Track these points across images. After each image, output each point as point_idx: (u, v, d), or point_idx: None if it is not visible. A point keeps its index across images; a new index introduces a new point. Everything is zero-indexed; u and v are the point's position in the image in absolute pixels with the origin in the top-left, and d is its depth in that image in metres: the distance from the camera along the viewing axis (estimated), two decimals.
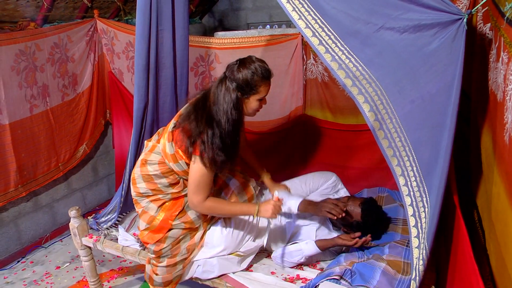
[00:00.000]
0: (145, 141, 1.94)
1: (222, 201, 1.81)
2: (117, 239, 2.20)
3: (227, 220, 1.89)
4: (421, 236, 1.37)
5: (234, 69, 1.62)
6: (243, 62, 1.63)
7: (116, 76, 3.12)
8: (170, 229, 1.80)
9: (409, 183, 1.38)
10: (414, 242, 1.39)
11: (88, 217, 2.36)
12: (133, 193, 1.87)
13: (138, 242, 2.11)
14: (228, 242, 1.84)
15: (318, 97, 2.60)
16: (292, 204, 1.93)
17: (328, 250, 1.97)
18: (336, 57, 1.37)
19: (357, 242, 1.81)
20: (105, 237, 2.21)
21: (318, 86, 2.57)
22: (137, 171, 1.84)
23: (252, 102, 1.67)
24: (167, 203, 1.82)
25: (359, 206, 1.91)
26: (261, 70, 1.61)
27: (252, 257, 1.93)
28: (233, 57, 2.62)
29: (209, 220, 1.88)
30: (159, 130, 1.95)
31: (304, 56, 2.54)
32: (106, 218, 2.33)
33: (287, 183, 2.15)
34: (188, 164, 1.71)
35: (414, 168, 1.37)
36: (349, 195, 2.18)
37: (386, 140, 1.38)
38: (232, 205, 1.80)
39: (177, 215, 1.80)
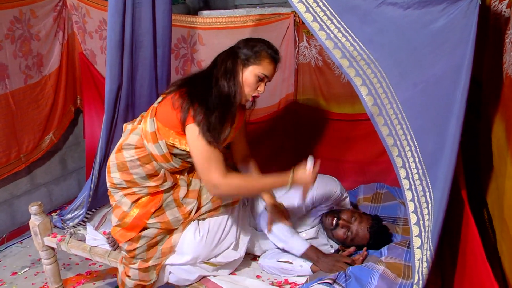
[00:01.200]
0: (124, 124, 1.90)
1: (246, 174, 1.74)
2: (85, 238, 2.16)
3: (201, 224, 1.85)
4: (424, 235, 1.36)
5: (245, 40, 1.70)
6: (259, 39, 1.71)
7: (88, 58, 3.07)
8: (144, 228, 1.77)
9: (410, 176, 1.37)
10: (416, 241, 1.37)
11: (53, 214, 2.31)
12: (108, 183, 1.84)
13: (108, 242, 2.08)
14: (200, 250, 1.80)
15: (311, 84, 2.59)
16: (295, 246, 1.85)
17: None
18: (332, 35, 1.36)
19: (358, 260, 1.81)
20: (71, 236, 2.16)
21: (311, 71, 2.56)
22: (112, 158, 1.81)
23: (249, 74, 1.65)
24: (143, 199, 1.78)
25: (367, 231, 1.89)
26: (272, 48, 1.67)
27: (230, 270, 1.91)
28: (219, 38, 2.65)
29: (188, 221, 1.84)
30: (142, 113, 1.91)
31: (296, 38, 2.53)
32: (73, 214, 2.29)
33: (283, 197, 2.02)
34: (169, 146, 1.68)
35: (416, 159, 1.35)
36: (351, 207, 2.14)
37: (386, 127, 1.36)
38: (262, 178, 1.74)
39: (154, 213, 1.76)
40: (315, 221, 2.05)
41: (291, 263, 1.85)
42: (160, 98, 1.76)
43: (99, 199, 2.30)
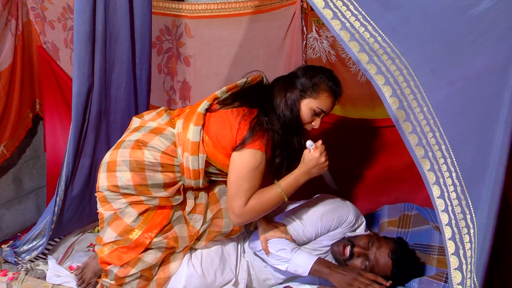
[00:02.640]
0: (135, 117, 1.98)
1: (258, 192, 1.79)
2: (45, 275, 2.13)
3: (194, 254, 1.89)
4: (466, 269, 1.34)
5: (305, 67, 1.87)
6: (319, 67, 1.88)
7: (49, 52, 3.06)
8: (147, 249, 1.79)
9: (446, 194, 1.35)
10: (455, 276, 1.35)
11: (3, 246, 2.29)
12: (103, 183, 1.83)
13: (76, 278, 2.06)
14: (192, 284, 1.84)
15: None
16: (300, 263, 1.86)
17: None
18: (348, 24, 1.37)
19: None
20: (26, 274, 2.14)
21: None
22: (123, 154, 1.82)
23: (305, 107, 1.79)
24: (150, 212, 1.81)
25: (388, 256, 1.86)
26: (333, 80, 1.82)
27: None
28: (210, 29, 2.67)
29: (190, 246, 1.89)
30: (163, 108, 1.98)
31: (304, 29, 2.54)
32: (30, 245, 2.28)
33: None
34: (207, 163, 1.80)
35: (453, 174, 1.34)
36: (367, 231, 2.13)
37: (415, 136, 1.36)
38: (273, 185, 1.80)
39: (161, 229, 1.80)
40: (323, 254, 2.04)
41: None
42: (206, 104, 1.83)
43: (65, 226, 2.29)
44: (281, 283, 2.00)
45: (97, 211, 1.88)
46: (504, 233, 1.47)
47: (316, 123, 1.83)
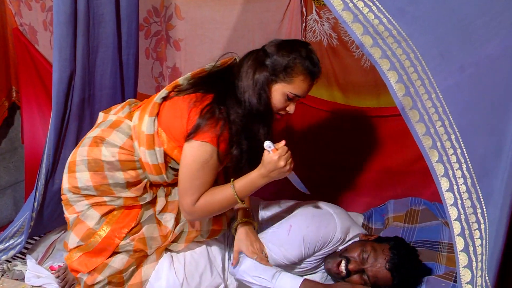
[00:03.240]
0: (101, 112, 1.95)
1: (210, 191, 1.74)
2: (23, 276, 2.13)
3: (175, 256, 1.89)
4: (476, 267, 1.35)
5: (276, 42, 1.74)
6: (293, 41, 1.76)
7: (26, 35, 3.05)
8: (114, 253, 1.79)
9: (455, 187, 1.36)
10: (465, 275, 1.36)
11: None
12: (65, 185, 1.83)
13: (57, 280, 2.06)
14: None
15: (323, 69, 2.43)
16: (285, 285, 1.83)
17: None
18: (351, 4, 1.36)
19: None
20: (3, 275, 2.14)
21: (322, 53, 2.56)
22: (81, 152, 1.81)
23: (277, 93, 1.70)
24: (115, 212, 1.80)
25: (386, 269, 1.83)
26: (309, 60, 1.70)
27: None
28: (202, 10, 2.66)
29: (164, 247, 1.87)
30: (129, 101, 1.96)
31: (304, 10, 2.54)
32: (7, 244, 2.28)
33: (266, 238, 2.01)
34: (167, 156, 1.74)
35: (464, 166, 1.35)
36: (361, 230, 2.12)
37: (422, 125, 1.36)
38: (221, 188, 1.75)
39: (129, 231, 1.79)
40: (314, 267, 2.04)
41: None
42: (164, 92, 1.79)
43: (45, 223, 2.29)
44: None
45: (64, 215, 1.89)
46: None
47: (290, 109, 1.76)
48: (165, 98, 1.78)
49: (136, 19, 2.16)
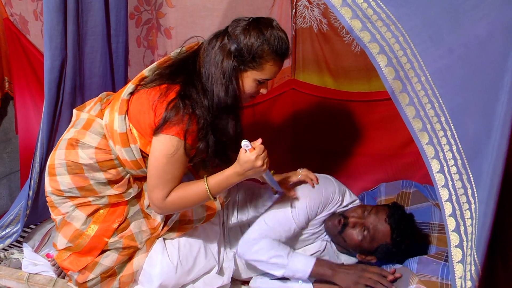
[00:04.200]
0: (75, 110, 1.91)
1: (183, 185, 1.71)
2: (20, 264, 2.14)
3: (169, 243, 1.88)
4: (466, 246, 1.36)
5: (240, 25, 1.63)
6: (256, 21, 1.64)
7: (17, 25, 3.01)
8: (103, 251, 1.78)
9: (445, 168, 1.37)
10: (456, 254, 1.37)
11: None
12: (48, 188, 1.81)
13: (53, 268, 2.07)
14: (169, 276, 1.82)
15: (314, 55, 2.59)
16: (298, 267, 1.83)
17: None
18: None
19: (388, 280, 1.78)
20: (0, 263, 2.15)
21: (313, 39, 2.56)
22: (59, 155, 1.78)
23: (248, 80, 1.66)
24: (101, 211, 1.79)
25: (386, 222, 1.87)
26: (277, 42, 1.62)
27: None
28: None
29: (154, 239, 1.87)
30: (101, 95, 1.92)
31: None
32: (4, 233, 2.28)
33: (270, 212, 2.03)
34: (143, 153, 1.70)
35: (454, 148, 1.36)
36: (359, 203, 2.16)
37: (412, 108, 1.37)
38: (194, 184, 1.71)
39: (117, 228, 1.78)
40: (314, 235, 2.06)
41: (287, 279, 1.89)
42: (131, 87, 1.74)
43: (40, 212, 2.28)
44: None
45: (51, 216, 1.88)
46: (506, 211, 1.49)
47: (264, 91, 1.73)
48: (132, 93, 1.73)
49: (125, 6, 2.14)
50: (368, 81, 2.50)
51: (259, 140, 1.63)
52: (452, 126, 1.36)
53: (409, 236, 1.89)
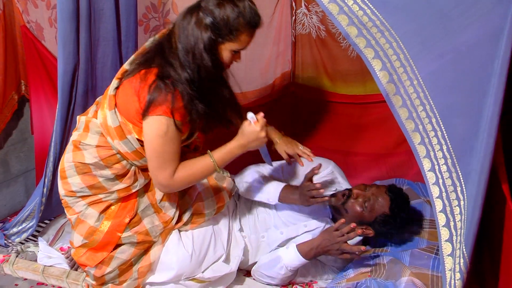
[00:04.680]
0: (78, 116, 1.89)
1: (188, 162, 1.71)
2: (36, 257, 2.15)
3: (183, 234, 1.89)
4: (456, 240, 1.36)
5: (216, 2, 1.58)
6: None
7: (33, 32, 2.99)
8: (117, 245, 1.78)
9: (436, 167, 1.37)
10: (446, 248, 1.38)
11: None
12: (61, 191, 1.81)
13: (67, 260, 2.08)
14: (185, 265, 1.84)
15: (312, 59, 2.59)
16: (270, 191, 1.93)
17: (327, 265, 1.97)
18: None
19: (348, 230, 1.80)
20: (17, 256, 2.15)
21: (312, 44, 2.56)
22: (68, 159, 1.78)
23: (224, 51, 1.63)
24: (113, 207, 1.78)
25: (386, 194, 1.93)
26: (250, 14, 1.59)
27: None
28: None
29: (169, 231, 1.87)
30: (97, 100, 1.90)
31: (293, 4, 2.52)
32: (20, 228, 2.29)
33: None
34: (140, 142, 1.68)
35: (444, 147, 1.36)
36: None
37: (405, 109, 1.37)
38: (200, 160, 1.72)
39: (129, 223, 1.77)
40: (316, 212, 2.09)
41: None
42: (115, 83, 1.72)
43: (54, 208, 2.29)
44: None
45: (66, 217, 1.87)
46: (493, 207, 1.49)
47: (238, 60, 1.70)
48: (117, 88, 1.71)
49: (135, 14, 2.14)
50: (364, 84, 2.49)
51: (261, 114, 1.68)
52: (442, 127, 1.36)
53: (405, 209, 1.92)
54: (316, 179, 2.07)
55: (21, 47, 3.08)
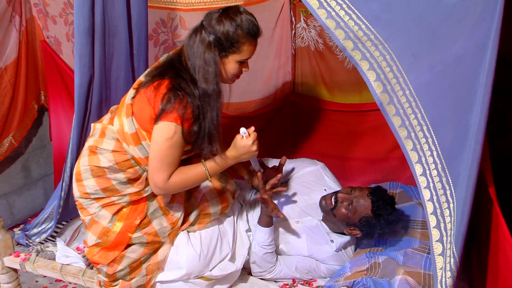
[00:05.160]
0: (93, 124, 1.90)
1: (183, 168, 1.72)
2: (54, 256, 2.15)
3: (192, 235, 1.89)
4: (446, 240, 1.35)
5: (213, 18, 1.61)
6: (226, 12, 1.62)
7: (52, 46, 3.03)
8: (128, 245, 1.78)
9: (427, 172, 1.37)
10: (437, 248, 1.37)
11: (15, 230, 2.30)
12: (76, 193, 1.81)
13: (83, 259, 2.08)
14: (194, 265, 1.83)
15: (311, 70, 2.60)
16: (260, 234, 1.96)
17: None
18: (333, 13, 1.36)
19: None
20: (37, 255, 2.15)
21: (310, 57, 2.57)
22: (83, 163, 1.78)
23: (230, 64, 1.65)
24: (124, 209, 1.78)
25: (368, 197, 1.92)
26: (248, 25, 1.61)
27: (227, 286, 1.95)
28: None
29: (176, 232, 1.87)
30: (111, 108, 1.92)
31: (293, 19, 2.53)
32: (40, 229, 2.29)
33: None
34: None
35: (434, 153, 1.35)
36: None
37: (398, 118, 1.37)
38: (194, 168, 1.73)
39: (139, 224, 1.77)
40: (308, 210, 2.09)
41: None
42: (132, 93, 1.73)
43: (71, 210, 2.28)
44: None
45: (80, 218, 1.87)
46: (480, 209, 1.48)
47: (246, 69, 1.72)
48: (134, 97, 1.72)
49: (145, 30, 2.15)
50: (359, 93, 2.49)
51: (252, 128, 1.68)
52: (433, 134, 1.35)
53: (387, 211, 1.90)
54: (299, 175, 2.14)
55: (41, 60, 3.11)
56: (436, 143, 1.36)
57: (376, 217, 1.88)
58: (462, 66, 1.28)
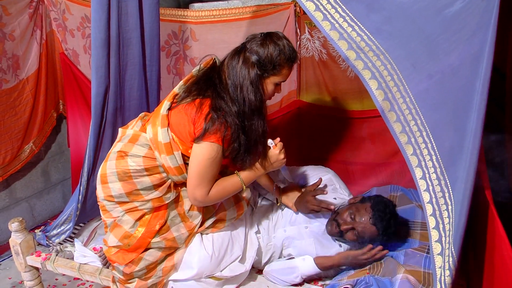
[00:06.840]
0: (120, 128, 1.91)
1: (220, 181, 1.76)
2: (73, 256, 2.16)
3: (205, 237, 1.89)
4: (445, 241, 1.35)
5: (257, 41, 1.66)
6: (270, 36, 1.67)
7: (70, 58, 3.07)
8: (147, 249, 1.77)
9: (427, 175, 1.36)
10: (436, 247, 1.37)
11: (36, 231, 2.31)
12: (100, 195, 1.79)
13: (99, 259, 2.08)
14: (206, 265, 1.83)
15: (315, 79, 2.59)
16: (304, 265, 1.91)
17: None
18: (337, 25, 1.37)
19: (374, 254, 1.79)
20: (57, 254, 2.16)
21: (314, 66, 2.56)
22: (111, 166, 1.76)
23: (269, 85, 1.70)
24: (147, 216, 1.77)
25: (370, 223, 1.87)
26: (289, 51, 1.67)
27: (236, 285, 1.94)
28: (212, 33, 2.66)
29: (192, 236, 1.86)
30: (140, 115, 1.92)
31: (298, 30, 2.53)
32: (59, 230, 2.29)
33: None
34: (184, 157, 1.71)
35: (433, 158, 1.35)
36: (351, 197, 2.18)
37: (399, 124, 1.37)
38: (230, 179, 1.77)
39: (158, 231, 1.77)
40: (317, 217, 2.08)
41: (293, 257, 1.93)
42: (167, 104, 1.73)
43: (88, 212, 2.30)
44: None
45: (101, 218, 1.88)
46: (477, 211, 1.47)
47: (279, 90, 1.77)
48: (169, 109, 1.73)
49: (158, 42, 2.16)
50: (361, 101, 2.49)
51: (278, 139, 1.79)
52: (432, 140, 1.35)
53: (392, 226, 1.88)
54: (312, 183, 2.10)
55: (60, 71, 3.15)
56: (435, 148, 1.36)
57: (383, 235, 1.87)
58: (459, 75, 1.29)
